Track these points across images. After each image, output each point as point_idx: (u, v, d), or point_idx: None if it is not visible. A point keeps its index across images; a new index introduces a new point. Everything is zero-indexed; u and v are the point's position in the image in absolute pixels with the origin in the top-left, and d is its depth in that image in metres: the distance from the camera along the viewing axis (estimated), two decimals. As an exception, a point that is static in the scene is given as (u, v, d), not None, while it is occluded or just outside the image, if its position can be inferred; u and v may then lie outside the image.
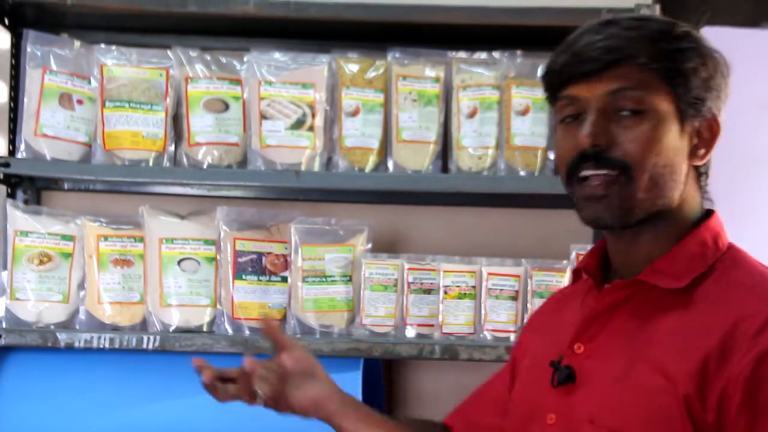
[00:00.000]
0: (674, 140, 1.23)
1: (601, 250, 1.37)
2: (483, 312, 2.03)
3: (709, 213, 1.31)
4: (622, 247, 1.31)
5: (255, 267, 2.03)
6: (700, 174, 1.30)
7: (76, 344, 1.95)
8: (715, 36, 2.30)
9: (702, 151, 1.27)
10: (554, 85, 1.29)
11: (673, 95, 1.23)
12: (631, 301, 1.28)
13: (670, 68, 1.22)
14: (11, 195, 2.18)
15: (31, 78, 2.05)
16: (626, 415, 1.20)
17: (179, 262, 2.02)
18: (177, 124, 2.07)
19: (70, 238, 2.05)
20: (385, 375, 2.22)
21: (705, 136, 1.27)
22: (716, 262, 1.26)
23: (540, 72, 1.32)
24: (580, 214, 1.27)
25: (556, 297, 1.52)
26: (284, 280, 2.05)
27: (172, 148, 2.06)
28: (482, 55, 2.09)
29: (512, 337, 2.00)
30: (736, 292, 1.22)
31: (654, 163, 1.21)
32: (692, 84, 1.23)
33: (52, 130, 2.04)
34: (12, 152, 2.11)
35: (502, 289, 2.02)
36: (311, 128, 2.05)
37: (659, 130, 1.22)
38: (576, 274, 1.42)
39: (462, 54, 2.10)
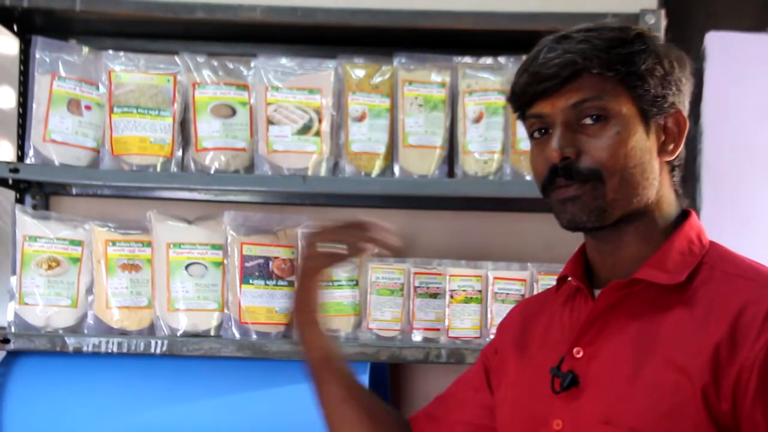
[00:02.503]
0: (641, 140, 1.27)
1: (582, 256, 1.40)
2: (489, 316, 2.03)
3: (686, 213, 1.35)
4: (608, 249, 1.33)
5: (262, 271, 2.04)
6: (673, 168, 1.34)
7: (85, 349, 1.96)
8: (720, 41, 2.33)
9: (671, 146, 1.31)
10: (520, 105, 1.34)
11: (633, 97, 1.27)
12: (627, 301, 1.29)
13: (625, 72, 1.26)
14: (20, 200, 2.20)
15: (40, 84, 2.06)
16: (644, 413, 1.21)
17: (187, 267, 2.03)
18: (184, 129, 2.08)
19: (78, 243, 2.06)
20: (391, 379, 2.23)
21: (672, 131, 1.31)
22: (703, 257, 1.29)
23: (506, 94, 1.39)
24: (558, 220, 1.31)
25: (535, 304, 1.51)
26: (291, 284, 2.05)
27: (179, 153, 2.07)
28: (488, 61, 2.10)
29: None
30: (734, 282, 1.25)
31: (623, 165, 1.26)
32: (650, 84, 1.27)
33: (60, 136, 2.05)
34: (21, 158, 2.12)
35: (508, 293, 2.03)
36: (318, 133, 2.06)
37: (624, 133, 1.26)
38: (561, 281, 1.44)
39: (468, 59, 2.11)
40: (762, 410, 1.16)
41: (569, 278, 1.40)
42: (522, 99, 1.32)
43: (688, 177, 2.25)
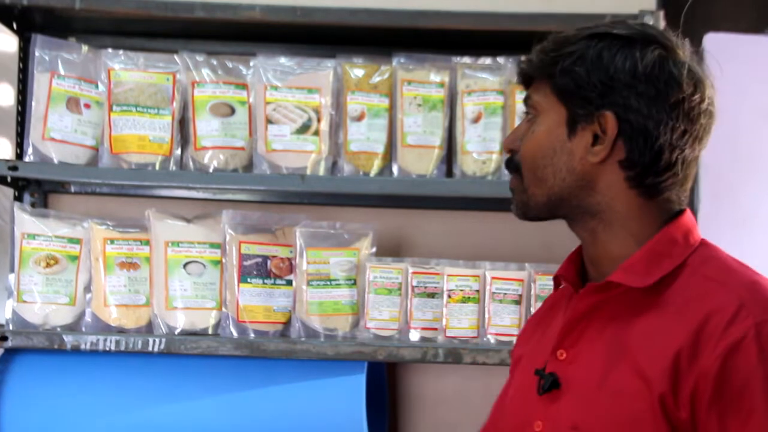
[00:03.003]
0: (557, 139, 1.29)
1: (578, 255, 1.40)
2: (486, 316, 2.03)
3: (680, 211, 1.31)
4: (586, 248, 1.35)
5: (260, 270, 2.04)
6: (630, 170, 1.27)
7: (82, 346, 1.96)
8: (718, 42, 2.33)
9: (597, 148, 1.26)
10: None
11: (561, 100, 1.29)
12: (608, 304, 1.29)
13: (550, 72, 1.29)
14: (19, 198, 2.20)
15: (39, 82, 2.06)
16: (606, 420, 1.21)
17: (185, 265, 2.03)
18: (183, 128, 2.09)
19: (76, 241, 2.06)
20: (388, 378, 2.23)
21: (600, 134, 1.26)
22: (687, 258, 1.27)
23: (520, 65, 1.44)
24: None
25: (545, 305, 1.53)
26: (289, 283, 2.06)
27: (178, 151, 2.07)
28: (486, 61, 2.10)
29: (515, 340, 2.01)
30: (707, 287, 1.22)
31: (532, 159, 1.30)
32: (574, 86, 1.27)
33: (59, 134, 2.05)
34: (20, 156, 2.12)
35: (505, 293, 2.03)
36: (317, 133, 2.07)
37: (540, 130, 1.30)
38: (556, 281, 1.44)
39: (466, 59, 2.11)
40: (717, 419, 1.15)
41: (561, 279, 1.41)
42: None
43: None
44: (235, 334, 2.01)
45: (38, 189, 2.23)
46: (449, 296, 2.03)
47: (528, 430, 1.30)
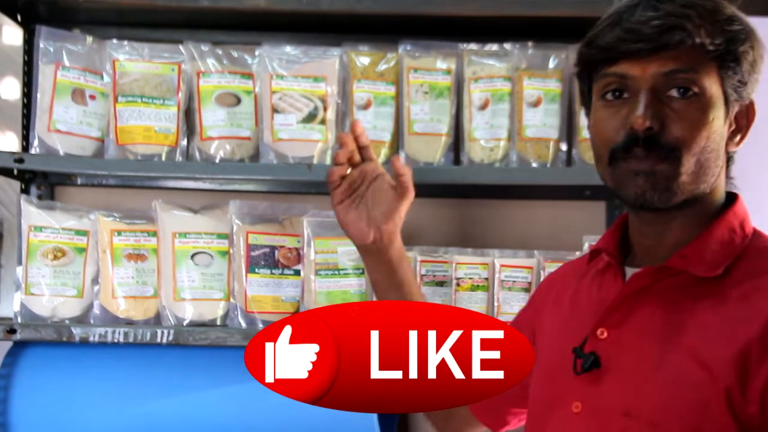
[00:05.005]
0: (720, 125, 1.22)
1: (619, 229, 1.34)
2: (496, 304, 2.03)
3: (732, 197, 1.29)
4: (651, 233, 1.28)
5: (268, 260, 2.03)
6: (728, 159, 1.28)
7: (91, 339, 1.96)
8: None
9: (738, 138, 1.26)
10: (598, 60, 1.25)
11: (722, 78, 1.21)
12: (658, 287, 1.24)
13: (725, 50, 1.19)
14: (25, 190, 2.20)
15: (44, 74, 2.06)
16: (665, 408, 1.17)
17: (192, 256, 2.03)
18: (189, 118, 2.08)
19: (83, 233, 2.05)
20: (398, 368, 2.22)
21: (742, 122, 1.26)
22: (745, 248, 1.24)
23: (580, 44, 1.28)
24: (623, 192, 1.24)
25: (562, 272, 1.48)
26: (297, 273, 2.05)
27: (184, 142, 2.06)
28: (493, 47, 2.09)
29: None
30: None
31: (702, 147, 1.19)
32: (741, 68, 1.21)
33: (65, 126, 2.05)
34: (26, 148, 2.12)
35: (515, 281, 2.02)
36: (323, 121, 2.06)
37: (709, 114, 1.20)
38: (594, 254, 1.38)
39: (473, 46, 2.10)
40: None
41: (602, 252, 1.35)
42: (605, 54, 1.22)
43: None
44: (243, 324, 2.00)
45: (45, 181, 2.23)
46: (458, 284, 2.02)
47: (562, 410, 1.27)
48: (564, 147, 2.04)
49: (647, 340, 1.22)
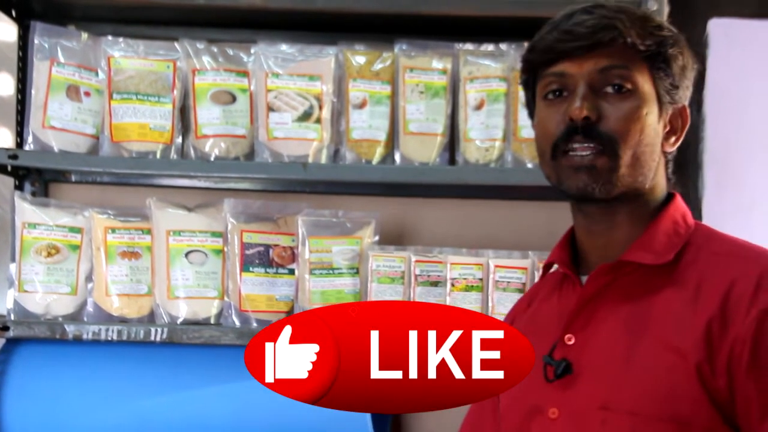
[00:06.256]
0: (654, 122, 1.29)
1: (568, 241, 1.40)
2: (490, 304, 2.03)
3: (670, 195, 1.36)
4: (599, 230, 1.33)
5: (262, 259, 2.03)
6: (667, 161, 1.35)
7: (84, 336, 1.96)
8: (723, 28, 2.31)
9: (673, 139, 1.34)
10: (539, 63, 1.32)
11: (654, 79, 1.29)
12: (616, 285, 1.30)
13: (654, 51, 1.28)
14: (19, 187, 2.19)
15: (39, 70, 2.05)
16: (642, 396, 1.21)
17: (187, 255, 2.03)
18: (184, 116, 2.07)
19: (77, 230, 2.05)
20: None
21: (676, 125, 1.34)
22: (690, 237, 1.31)
23: (523, 53, 1.36)
24: (564, 186, 1.30)
25: (525, 298, 1.52)
26: (291, 272, 2.05)
27: (179, 140, 2.06)
28: (489, 47, 2.09)
29: None
30: (722, 260, 1.26)
31: (638, 141, 1.27)
32: (672, 70, 1.29)
33: (59, 122, 2.04)
34: (20, 144, 2.11)
35: (509, 282, 2.03)
36: (318, 120, 2.05)
37: (643, 110, 1.27)
38: (546, 268, 1.44)
39: (469, 46, 2.10)
40: (754, 382, 1.17)
41: (555, 265, 1.40)
42: (545, 56, 1.30)
43: (690, 164, 2.24)
44: (237, 323, 2.00)
45: (39, 178, 2.22)
46: (452, 285, 2.02)
47: (540, 418, 1.30)
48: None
49: (615, 336, 1.26)
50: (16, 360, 2.01)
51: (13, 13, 2.15)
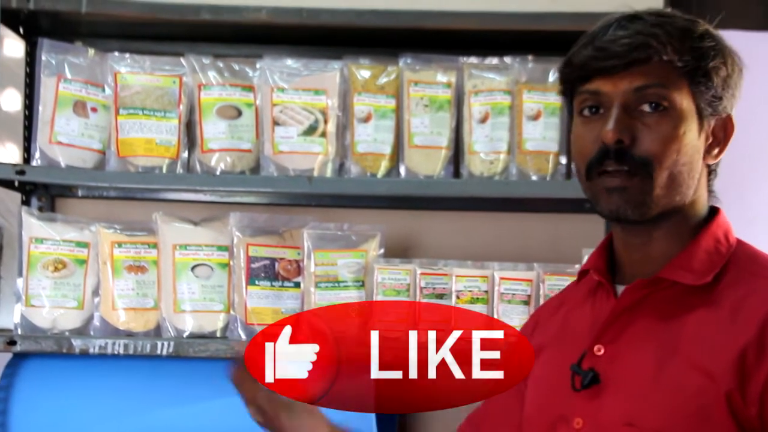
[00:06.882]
0: (693, 138, 1.24)
1: (606, 249, 1.37)
2: (495, 316, 2.02)
3: (714, 210, 1.32)
4: (637, 244, 1.30)
5: (268, 273, 2.04)
6: (710, 172, 1.31)
7: (91, 350, 1.96)
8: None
9: (716, 151, 1.29)
10: (574, 78, 1.29)
11: (694, 93, 1.24)
12: (650, 300, 1.27)
13: (694, 65, 1.23)
14: (26, 202, 2.20)
15: (46, 86, 2.07)
16: (668, 416, 1.19)
17: (193, 268, 2.03)
18: (190, 130, 2.08)
19: (84, 244, 2.06)
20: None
21: (719, 136, 1.29)
22: (730, 257, 1.27)
23: (560, 64, 1.32)
24: (599, 207, 1.27)
25: (554, 300, 1.50)
26: (297, 285, 2.05)
27: (185, 154, 2.07)
28: (493, 61, 2.09)
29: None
30: (762, 283, 1.22)
31: (674, 161, 1.23)
32: (713, 83, 1.25)
33: (66, 138, 2.05)
34: (27, 160, 2.12)
35: (514, 294, 2.02)
36: (323, 134, 2.06)
37: (680, 128, 1.23)
38: (582, 274, 1.41)
39: (473, 59, 2.10)
40: None
41: (590, 272, 1.37)
42: (580, 72, 1.27)
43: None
44: (243, 336, 2.00)
45: (45, 193, 2.23)
46: (458, 297, 2.02)
47: (564, 427, 1.28)
48: (563, 160, 2.05)
49: (645, 352, 1.24)
50: (24, 374, 2.01)
51: (21, 30, 2.17)
